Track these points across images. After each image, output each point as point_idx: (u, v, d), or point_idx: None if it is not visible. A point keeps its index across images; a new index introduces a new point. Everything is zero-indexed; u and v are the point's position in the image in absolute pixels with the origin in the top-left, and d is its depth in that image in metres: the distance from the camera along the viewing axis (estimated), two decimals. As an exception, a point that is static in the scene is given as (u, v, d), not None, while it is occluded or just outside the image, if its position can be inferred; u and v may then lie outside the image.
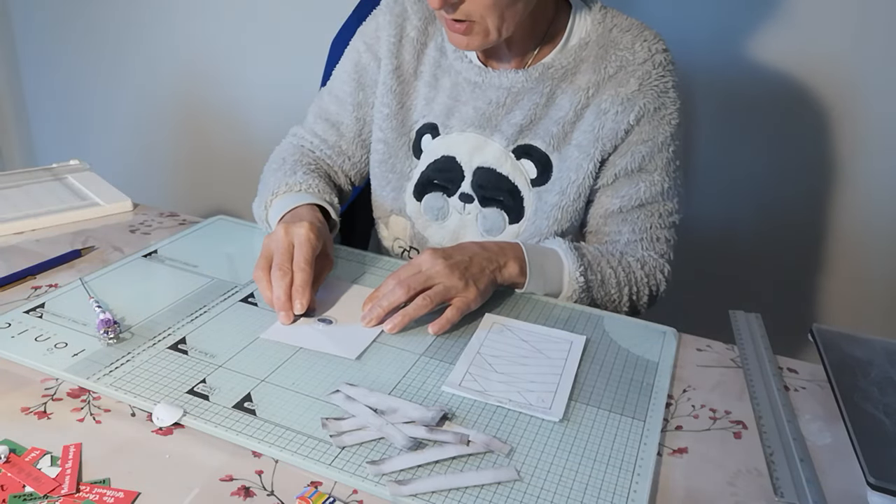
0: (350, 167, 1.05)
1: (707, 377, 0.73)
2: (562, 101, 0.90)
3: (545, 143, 0.91)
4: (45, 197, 1.07)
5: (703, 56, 1.39)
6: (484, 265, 0.81)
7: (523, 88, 0.91)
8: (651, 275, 0.93)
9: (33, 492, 0.54)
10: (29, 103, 2.34)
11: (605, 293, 0.89)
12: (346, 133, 1.03)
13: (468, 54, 0.95)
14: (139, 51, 2.03)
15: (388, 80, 0.97)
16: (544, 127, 0.91)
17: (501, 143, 0.92)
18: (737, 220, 1.50)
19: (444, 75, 0.96)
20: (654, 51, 0.89)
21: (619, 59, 0.89)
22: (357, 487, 0.56)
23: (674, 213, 0.95)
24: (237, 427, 0.61)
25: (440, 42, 0.97)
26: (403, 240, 1.03)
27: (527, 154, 0.92)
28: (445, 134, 0.95)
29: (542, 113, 0.91)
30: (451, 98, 0.95)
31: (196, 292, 0.82)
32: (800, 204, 1.44)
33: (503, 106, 0.92)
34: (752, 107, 1.40)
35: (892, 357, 0.74)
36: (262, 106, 1.90)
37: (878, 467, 0.58)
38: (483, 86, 0.93)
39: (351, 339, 0.74)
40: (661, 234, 0.94)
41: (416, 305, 0.76)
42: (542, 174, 0.92)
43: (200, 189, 2.09)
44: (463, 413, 0.64)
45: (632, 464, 0.59)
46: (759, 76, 1.37)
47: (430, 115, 0.97)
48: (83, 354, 0.70)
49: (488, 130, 0.93)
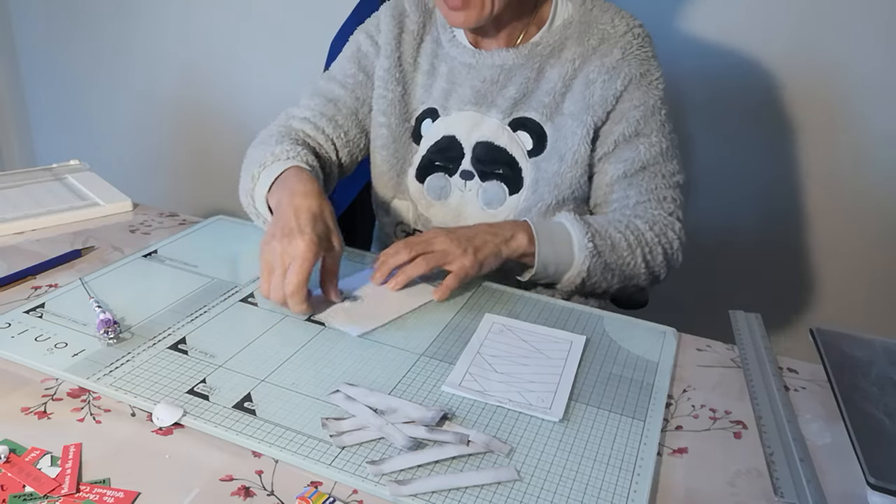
0: (343, 144, 1.02)
1: (707, 377, 0.73)
2: (551, 74, 0.96)
3: (539, 113, 0.96)
4: (45, 197, 1.07)
5: (701, 58, 1.39)
6: (488, 238, 0.86)
7: (514, 65, 0.97)
8: (662, 234, 0.94)
9: (33, 492, 0.54)
10: (29, 103, 2.34)
11: (618, 256, 0.90)
12: (343, 108, 1.03)
13: (461, 40, 1.00)
14: (139, 51, 2.04)
15: (392, 68, 1.02)
16: (537, 98, 0.96)
17: (497, 118, 0.97)
18: (737, 221, 1.50)
19: (441, 63, 1.01)
20: (632, 25, 0.95)
21: (601, 32, 0.95)
22: (357, 487, 0.56)
23: (676, 173, 0.96)
24: (237, 427, 0.61)
25: (436, 35, 1.03)
26: (406, 223, 1.04)
27: (522, 126, 0.96)
28: (445, 115, 1.00)
29: (534, 86, 0.96)
30: (448, 82, 1.00)
31: (196, 292, 0.82)
32: (799, 204, 1.44)
33: (497, 83, 0.97)
34: (752, 108, 1.40)
35: (892, 357, 0.74)
36: (263, 106, 1.90)
37: (878, 467, 0.58)
38: (477, 66, 0.98)
39: (364, 319, 0.77)
40: (667, 193, 0.96)
41: (415, 264, 0.83)
42: (538, 144, 0.96)
43: (200, 189, 2.09)
44: (463, 413, 0.64)
45: (632, 464, 0.59)
46: (758, 77, 1.37)
47: (428, 101, 1.01)
48: (83, 354, 0.70)
49: (484, 107, 0.98)
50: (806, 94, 1.36)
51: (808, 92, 1.36)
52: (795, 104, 1.37)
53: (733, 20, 1.36)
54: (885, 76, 1.30)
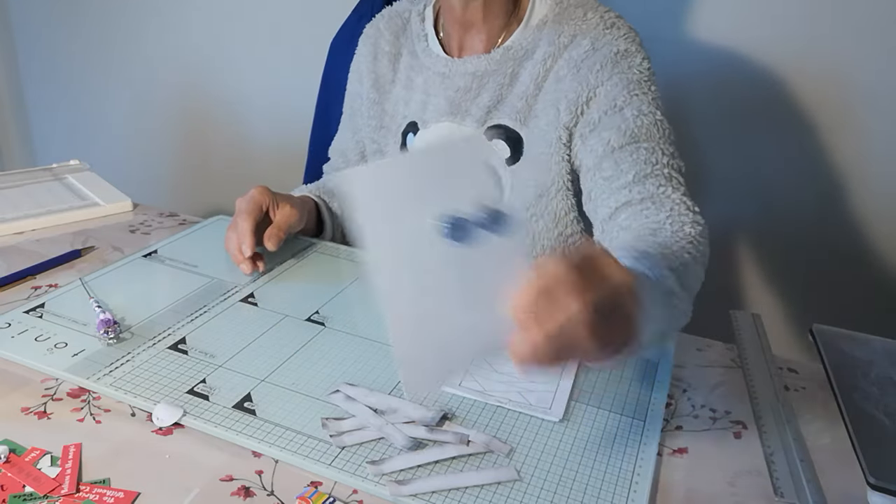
0: None
1: (707, 377, 0.73)
2: (523, 77, 0.92)
3: (512, 119, 0.92)
4: (45, 197, 1.07)
5: (702, 58, 1.39)
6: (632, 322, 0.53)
7: (487, 71, 0.94)
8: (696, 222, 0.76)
9: (33, 492, 0.54)
10: (29, 103, 2.34)
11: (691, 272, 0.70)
12: (352, 157, 1.11)
13: (435, 50, 0.98)
14: (139, 51, 2.04)
15: (370, 93, 1.04)
16: (510, 104, 0.93)
17: (473, 126, 0.95)
18: (737, 221, 1.50)
19: (417, 75, 1.00)
20: (606, 17, 0.90)
21: (573, 27, 0.90)
22: (357, 487, 0.56)
23: (677, 157, 0.84)
24: (237, 427, 0.61)
25: (412, 47, 1.02)
26: None
27: (497, 134, 0.94)
28: (424, 128, 0.99)
29: (507, 91, 0.93)
30: (424, 93, 0.99)
31: (196, 292, 0.82)
32: (800, 204, 1.43)
33: (470, 91, 0.95)
34: (752, 108, 1.40)
35: (892, 357, 0.74)
36: (263, 106, 1.90)
37: (878, 467, 0.58)
38: (450, 75, 0.96)
39: None
40: (673, 174, 0.82)
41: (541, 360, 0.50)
42: (515, 152, 0.93)
43: (200, 189, 2.09)
44: (463, 413, 0.64)
45: (632, 464, 0.59)
46: (759, 77, 1.37)
47: (409, 114, 1.01)
48: (83, 354, 0.70)
49: (459, 116, 0.96)
50: (806, 94, 1.36)
51: (808, 92, 1.36)
52: (796, 105, 1.37)
53: (735, 21, 1.36)
54: (889, 78, 1.30)
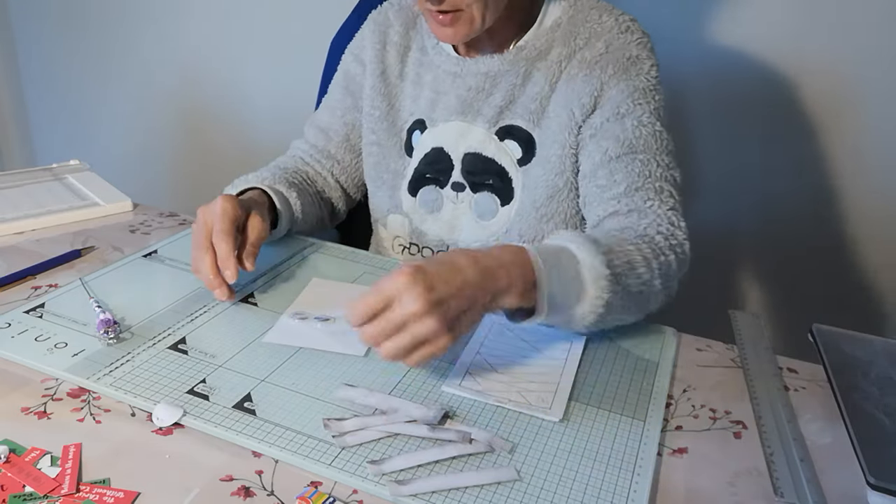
0: (340, 172, 1.08)
1: (707, 377, 0.73)
2: (537, 77, 0.92)
3: (525, 120, 0.92)
4: (45, 197, 1.07)
5: (699, 56, 1.39)
6: (477, 296, 0.65)
7: (500, 71, 0.93)
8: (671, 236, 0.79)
9: (33, 492, 0.54)
10: (29, 103, 2.34)
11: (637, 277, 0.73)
12: (334, 137, 1.07)
13: (446, 48, 0.97)
14: (139, 51, 2.04)
15: (376, 83, 1.02)
16: (523, 105, 0.92)
17: (484, 127, 0.94)
18: (736, 220, 1.50)
19: (427, 72, 0.99)
20: (621, 20, 0.91)
21: (588, 30, 0.90)
22: (357, 487, 0.56)
23: (673, 167, 0.86)
24: (237, 427, 0.61)
25: (421, 43, 1.00)
26: (403, 237, 1.04)
27: (509, 134, 0.93)
28: (432, 126, 0.98)
29: (520, 92, 0.93)
30: (433, 91, 0.98)
31: (196, 292, 0.82)
32: (799, 204, 1.43)
33: (483, 91, 0.94)
34: (751, 107, 1.40)
35: (892, 357, 0.74)
36: (262, 106, 1.90)
37: (878, 467, 0.58)
38: (462, 74, 0.96)
39: (355, 337, 0.73)
40: (665, 186, 0.84)
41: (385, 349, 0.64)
42: (527, 153, 0.93)
43: (200, 189, 2.09)
44: (463, 413, 0.64)
45: (632, 464, 0.59)
46: (757, 76, 1.37)
47: (417, 111, 1.00)
48: (83, 354, 0.70)
49: (470, 116, 0.95)
50: (806, 95, 1.36)
51: (807, 93, 1.36)
52: (796, 105, 1.37)
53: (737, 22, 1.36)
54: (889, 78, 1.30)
